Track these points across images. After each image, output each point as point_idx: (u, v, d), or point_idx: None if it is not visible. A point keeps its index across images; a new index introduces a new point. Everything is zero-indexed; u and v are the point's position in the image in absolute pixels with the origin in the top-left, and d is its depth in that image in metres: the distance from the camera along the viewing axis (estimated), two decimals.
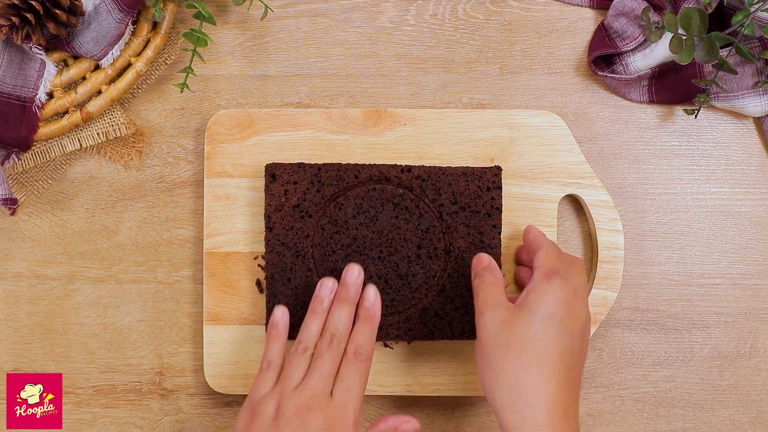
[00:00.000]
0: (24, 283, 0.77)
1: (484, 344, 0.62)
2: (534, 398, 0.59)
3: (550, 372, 0.60)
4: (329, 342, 0.65)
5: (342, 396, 0.63)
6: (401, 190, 0.70)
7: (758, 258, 0.76)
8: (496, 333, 0.61)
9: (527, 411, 0.59)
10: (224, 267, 0.74)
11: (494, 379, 0.61)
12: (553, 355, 0.60)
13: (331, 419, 0.62)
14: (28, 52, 0.73)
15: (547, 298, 0.62)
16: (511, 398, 0.59)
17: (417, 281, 0.70)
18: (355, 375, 0.64)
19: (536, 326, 0.61)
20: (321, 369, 0.64)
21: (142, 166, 0.77)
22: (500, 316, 0.62)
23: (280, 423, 0.62)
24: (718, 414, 0.76)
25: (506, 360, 0.60)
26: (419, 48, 0.77)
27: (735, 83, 0.74)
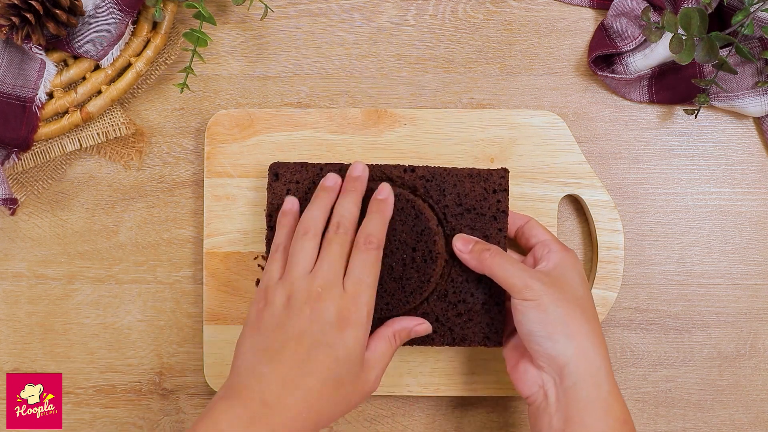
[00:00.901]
0: (24, 283, 0.77)
1: (546, 302, 0.63)
2: (602, 349, 0.63)
3: (599, 329, 0.65)
4: (336, 229, 0.64)
5: (353, 287, 0.62)
6: (397, 190, 0.69)
7: (758, 258, 0.76)
8: (552, 292, 0.64)
9: (599, 360, 0.63)
10: (224, 267, 0.74)
11: (566, 332, 0.63)
12: (596, 315, 0.66)
13: (343, 309, 0.61)
14: (28, 52, 0.73)
15: (576, 265, 0.67)
16: (585, 348, 0.63)
17: (411, 285, 0.68)
18: (365, 265, 0.63)
19: (580, 288, 0.66)
20: (330, 257, 0.63)
21: (142, 166, 0.77)
22: (545, 279, 0.65)
23: (292, 312, 0.61)
24: (718, 414, 0.76)
25: (574, 316, 0.63)
26: (419, 48, 0.77)
27: (735, 83, 0.74)
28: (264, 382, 0.59)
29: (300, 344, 0.60)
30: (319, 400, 0.60)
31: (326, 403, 0.60)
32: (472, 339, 0.70)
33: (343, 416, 0.76)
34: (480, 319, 0.69)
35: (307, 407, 0.59)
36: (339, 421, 0.76)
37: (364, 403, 0.76)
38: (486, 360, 0.74)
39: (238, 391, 0.60)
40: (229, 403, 0.59)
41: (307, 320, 0.61)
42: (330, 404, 0.60)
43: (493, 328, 0.69)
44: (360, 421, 0.77)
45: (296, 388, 0.59)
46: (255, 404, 0.59)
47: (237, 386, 0.60)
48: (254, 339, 0.62)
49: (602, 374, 0.62)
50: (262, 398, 0.59)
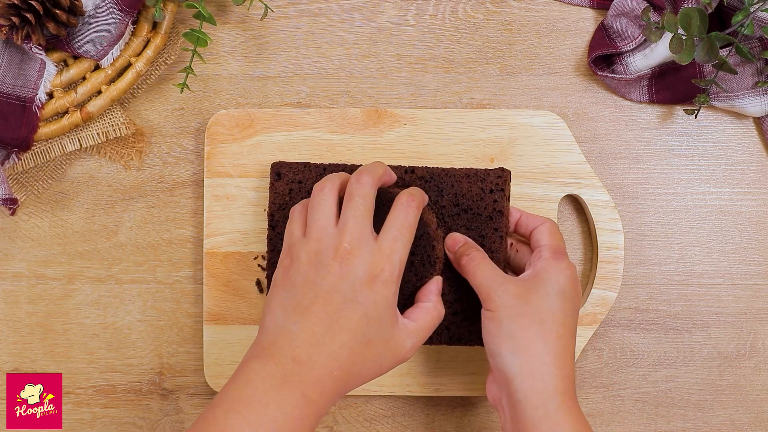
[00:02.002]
0: (24, 283, 0.77)
1: (501, 315, 0.62)
2: (553, 366, 0.61)
3: (564, 344, 0.62)
4: (357, 179, 0.62)
5: (388, 244, 0.61)
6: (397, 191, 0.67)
7: (758, 258, 0.76)
8: (512, 305, 0.62)
9: (548, 378, 0.61)
10: (224, 267, 0.74)
11: (515, 347, 0.61)
12: (566, 330, 0.63)
13: (375, 267, 0.60)
14: (28, 52, 0.73)
15: (560, 276, 0.64)
16: (532, 365, 0.61)
17: (408, 289, 0.67)
18: (403, 223, 0.62)
19: (553, 301, 0.63)
20: (355, 210, 0.61)
21: (142, 166, 0.77)
22: (513, 290, 0.63)
23: (320, 268, 0.60)
24: (718, 414, 0.76)
25: (527, 329, 0.62)
26: (419, 48, 0.77)
27: (735, 83, 0.74)
28: (294, 340, 0.59)
29: (329, 302, 0.59)
30: (350, 358, 0.59)
31: (357, 361, 0.60)
32: (468, 338, 0.70)
33: (346, 400, 0.76)
34: (476, 319, 0.69)
35: (338, 365, 0.59)
36: (339, 420, 0.76)
37: (364, 404, 0.76)
38: (486, 360, 0.74)
39: (269, 349, 0.59)
40: (261, 361, 0.58)
41: (336, 277, 0.59)
42: (360, 363, 0.60)
43: None
44: (360, 421, 0.77)
45: (326, 346, 0.59)
46: (287, 361, 0.58)
47: (267, 344, 0.59)
48: (282, 297, 0.61)
49: (549, 392, 0.61)
50: (294, 356, 0.58)
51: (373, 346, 0.60)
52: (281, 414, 0.56)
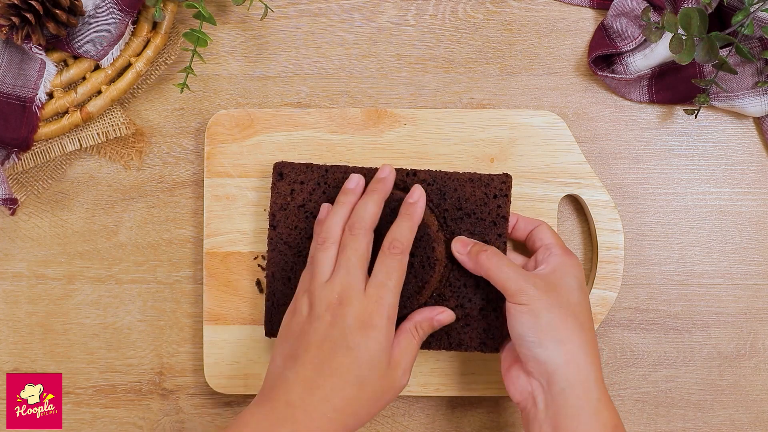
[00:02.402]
0: (24, 283, 0.77)
1: (538, 307, 0.63)
2: (592, 357, 0.63)
3: (593, 337, 0.65)
4: (350, 231, 0.64)
5: (375, 291, 0.63)
6: (398, 194, 0.68)
7: (758, 258, 0.76)
8: (545, 297, 0.64)
9: (590, 368, 0.63)
10: (224, 267, 0.74)
11: (557, 338, 0.63)
12: (591, 322, 0.66)
13: (363, 313, 0.62)
14: (28, 52, 0.73)
15: (575, 270, 0.67)
16: (574, 355, 0.63)
17: (408, 290, 0.67)
18: (389, 270, 0.63)
19: (577, 294, 0.65)
20: (346, 262, 0.63)
21: (142, 166, 0.77)
22: (540, 284, 0.65)
23: (313, 319, 0.63)
24: (718, 414, 0.76)
25: (566, 321, 0.63)
26: (419, 48, 0.77)
27: (735, 83, 0.74)
28: (288, 385, 0.61)
29: (321, 348, 0.61)
30: (343, 400, 0.61)
31: (351, 403, 0.61)
32: (469, 344, 0.70)
33: None
34: (477, 325, 0.69)
35: (331, 407, 0.60)
36: None
37: None
38: (486, 360, 0.74)
39: (267, 395, 0.62)
40: (258, 406, 0.62)
41: (328, 325, 0.62)
42: (356, 404, 0.61)
43: (490, 334, 0.69)
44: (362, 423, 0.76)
45: (318, 389, 0.60)
46: (281, 406, 0.61)
47: (267, 391, 0.63)
48: (283, 346, 0.64)
49: (591, 381, 0.62)
50: (287, 400, 0.61)
51: (368, 386, 0.62)
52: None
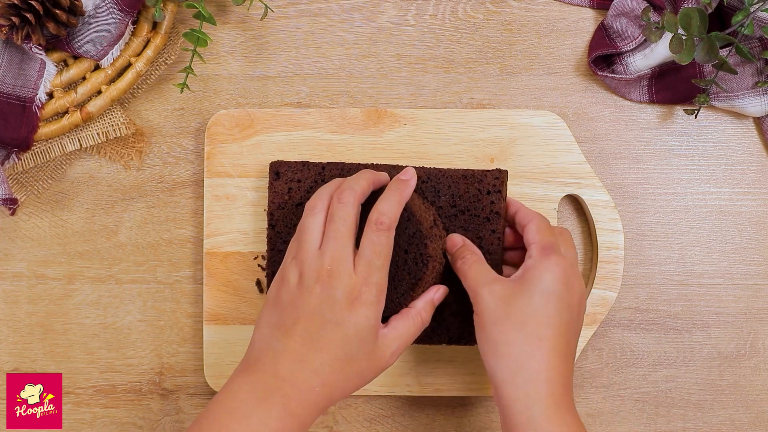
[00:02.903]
0: (24, 283, 0.77)
1: (485, 320, 0.62)
2: (536, 371, 0.60)
3: (550, 346, 0.61)
4: (338, 199, 0.63)
5: (364, 269, 0.62)
6: None
7: (758, 258, 0.76)
8: (496, 308, 0.62)
9: (529, 384, 0.60)
10: (224, 267, 0.74)
11: (496, 353, 0.61)
12: (553, 330, 0.62)
13: (353, 289, 0.61)
14: (28, 52, 0.73)
15: (546, 274, 0.63)
16: (513, 371, 0.61)
17: (403, 287, 0.67)
18: (375, 247, 0.62)
19: (536, 301, 0.62)
20: (334, 233, 0.62)
21: (142, 166, 0.77)
22: (498, 292, 0.63)
23: (303, 290, 0.62)
24: (718, 414, 0.76)
25: (508, 335, 0.61)
26: (419, 48, 0.77)
27: (735, 83, 0.74)
28: (277, 357, 0.61)
29: (311, 322, 0.61)
30: (332, 375, 0.61)
31: (339, 377, 0.61)
32: (468, 339, 0.70)
33: (346, 400, 0.76)
34: None
35: (320, 381, 0.60)
36: (339, 420, 0.76)
37: (364, 404, 0.76)
38: None
39: (254, 365, 0.61)
40: (246, 375, 0.61)
41: (317, 298, 0.61)
42: (343, 379, 0.61)
43: None
44: (360, 421, 0.77)
45: (308, 364, 0.60)
46: (269, 377, 0.60)
47: (253, 360, 0.62)
48: (270, 315, 0.63)
49: (532, 398, 0.60)
50: (276, 372, 0.60)
51: (355, 362, 0.62)
52: (264, 425, 0.59)
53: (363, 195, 0.65)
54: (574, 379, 0.76)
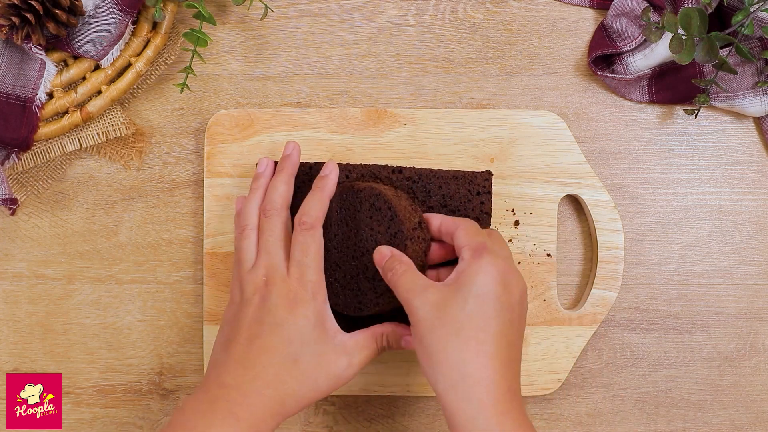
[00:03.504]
0: (24, 283, 0.77)
1: (420, 329, 0.60)
2: (476, 377, 0.58)
3: (490, 350, 0.59)
4: (264, 215, 0.66)
5: (296, 269, 0.64)
6: (378, 190, 0.67)
7: (758, 258, 0.76)
8: (430, 316, 0.60)
9: (471, 391, 0.57)
10: (224, 267, 0.74)
11: (434, 363, 0.59)
12: (492, 333, 0.59)
13: (289, 292, 0.63)
14: (28, 52, 0.73)
15: (479, 275, 0.60)
16: (453, 380, 0.58)
17: (382, 287, 0.66)
18: (302, 246, 0.64)
19: (471, 305, 0.59)
20: (265, 245, 0.65)
21: (142, 166, 0.77)
22: (431, 299, 0.60)
23: (243, 304, 0.64)
24: (718, 414, 0.76)
25: (444, 342, 0.59)
26: (419, 48, 0.77)
27: (735, 83, 0.74)
28: (221, 368, 0.62)
29: (251, 329, 0.62)
30: (277, 376, 0.61)
31: (286, 379, 0.61)
32: None
33: (345, 400, 0.76)
34: None
35: (264, 384, 0.60)
36: (339, 420, 0.76)
37: (364, 404, 0.76)
38: None
39: (203, 382, 0.63)
40: (194, 394, 0.62)
41: (256, 307, 0.63)
42: (290, 381, 0.61)
43: None
44: (360, 421, 0.77)
45: (251, 368, 0.61)
46: (214, 387, 0.61)
47: (204, 378, 0.63)
48: (220, 335, 0.65)
49: (474, 407, 0.57)
50: (221, 382, 0.61)
51: (302, 363, 0.61)
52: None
53: (285, 200, 0.67)
54: (574, 379, 0.76)
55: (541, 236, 0.74)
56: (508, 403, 0.58)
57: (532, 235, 0.74)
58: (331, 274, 0.67)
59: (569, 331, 0.74)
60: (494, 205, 0.73)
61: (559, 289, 0.76)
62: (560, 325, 0.74)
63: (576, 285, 0.76)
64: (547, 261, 0.74)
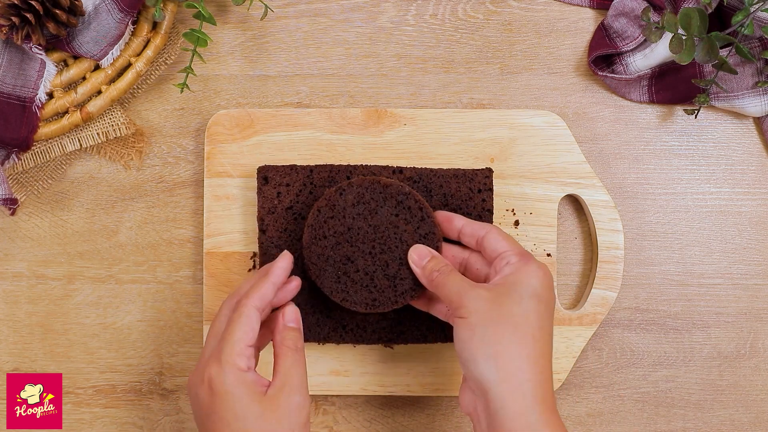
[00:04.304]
0: (24, 283, 0.77)
1: (474, 321, 0.60)
2: (531, 373, 0.59)
3: (541, 349, 0.61)
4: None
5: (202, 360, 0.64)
6: (407, 188, 0.67)
7: (758, 258, 0.76)
8: (486, 310, 0.61)
9: (526, 385, 0.59)
10: (224, 267, 0.74)
11: (489, 353, 0.59)
12: (542, 333, 0.61)
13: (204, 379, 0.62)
14: (28, 52, 0.73)
15: (531, 278, 0.62)
16: (510, 372, 0.59)
17: (404, 285, 0.67)
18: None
19: (526, 305, 0.61)
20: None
21: (142, 166, 0.77)
22: (484, 295, 0.61)
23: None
24: (718, 414, 0.76)
25: (502, 335, 0.60)
26: (419, 48, 0.77)
27: (735, 83, 0.74)
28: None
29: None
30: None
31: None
32: None
33: (345, 400, 0.76)
34: None
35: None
36: (339, 420, 0.76)
37: (364, 404, 0.76)
38: None
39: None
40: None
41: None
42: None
43: None
44: (360, 421, 0.77)
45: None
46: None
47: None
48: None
49: (528, 401, 0.58)
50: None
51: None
52: None
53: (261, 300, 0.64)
54: (574, 379, 0.76)
55: (541, 236, 0.74)
56: (553, 403, 0.60)
57: (532, 235, 0.74)
58: (339, 268, 0.67)
59: (569, 331, 0.74)
60: (494, 205, 0.73)
61: (559, 289, 0.76)
62: (560, 325, 0.74)
63: (576, 285, 0.76)
64: (547, 261, 0.74)
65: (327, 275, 0.67)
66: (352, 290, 0.67)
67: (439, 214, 0.68)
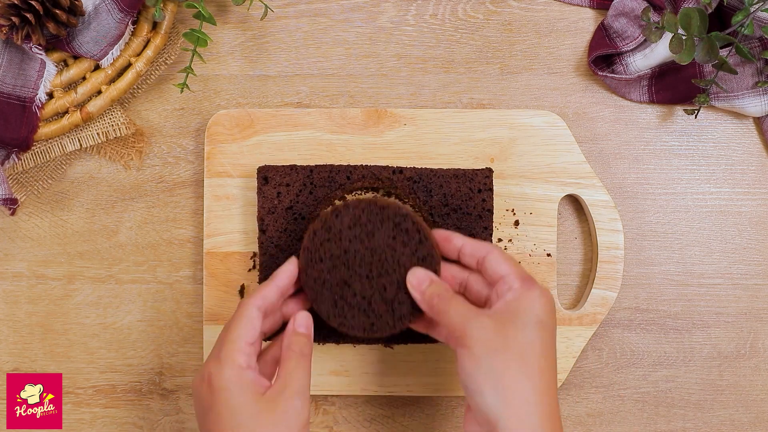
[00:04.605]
0: (24, 283, 0.77)
1: (478, 351, 0.59)
2: (539, 406, 0.58)
3: (548, 379, 0.59)
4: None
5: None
6: (404, 210, 0.65)
7: (758, 258, 0.76)
8: (490, 339, 0.59)
9: (534, 419, 0.58)
10: (224, 267, 0.74)
11: (495, 385, 0.58)
12: (550, 361, 0.60)
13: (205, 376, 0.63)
14: (28, 52, 0.73)
15: (535, 305, 0.61)
16: (517, 405, 0.58)
17: (402, 309, 0.65)
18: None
19: (530, 333, 0.60)
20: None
21: (142, 166, 0.77)
22: (487, 324, 0.60)
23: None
24: (718, 414, 0.76)
25: (509, 365, 0.58)
26: (419, 48, 0.77)
27: (735, 83, 0.74)
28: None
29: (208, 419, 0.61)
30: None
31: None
32: None
33: (345, 400, 0.76)
34: None
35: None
36: (339, 420, 0.76)
37: (364, 404, 0.76)
38: None
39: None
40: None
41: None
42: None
43: None
44: (360, 421, 0.77)
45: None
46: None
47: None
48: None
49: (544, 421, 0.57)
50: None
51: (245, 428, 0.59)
52: None
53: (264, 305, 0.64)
54: (574, 379, 0.76)
55: (541, 236, 0.74)
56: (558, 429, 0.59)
57: (532, 235, 0.74)
58: (336, 292, 0.65)
59: (569, 331, 0.74)
60: (494, 205, 0.73)
61: (559, 289, 0.76)
62: (560, 325, 0.74)
63: (576, 285, 0.76)
64: (547, 261, 0.74)
65: (324, 299, 0.65)
66: (350, 315, 0.65)
67: (438, 234, 0.67)
